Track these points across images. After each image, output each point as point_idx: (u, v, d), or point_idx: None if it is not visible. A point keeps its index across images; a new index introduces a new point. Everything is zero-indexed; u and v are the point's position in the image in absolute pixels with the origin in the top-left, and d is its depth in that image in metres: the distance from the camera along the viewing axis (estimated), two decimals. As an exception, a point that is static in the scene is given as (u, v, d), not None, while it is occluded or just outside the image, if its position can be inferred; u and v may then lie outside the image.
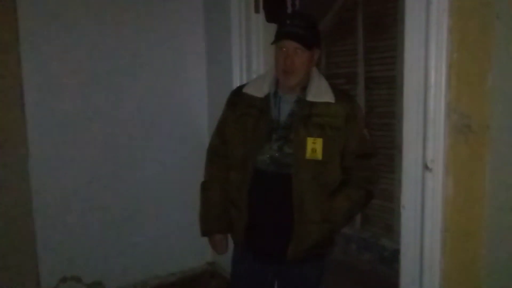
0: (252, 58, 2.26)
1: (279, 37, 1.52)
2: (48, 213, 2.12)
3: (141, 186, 2.38)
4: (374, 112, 3.44)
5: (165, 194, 2.46)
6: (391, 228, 3.29)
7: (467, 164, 1.41)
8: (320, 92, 1.55)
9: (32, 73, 2.02)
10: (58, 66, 2.10)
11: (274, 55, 1.58)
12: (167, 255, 2.50)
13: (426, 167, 1.48)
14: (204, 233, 1.73)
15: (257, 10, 2.24)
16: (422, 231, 1.51)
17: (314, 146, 1.49)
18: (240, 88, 1.69)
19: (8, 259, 2.03)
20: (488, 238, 1.37)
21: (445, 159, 1.44)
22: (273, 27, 2.30)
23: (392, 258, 3.15)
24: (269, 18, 2.26)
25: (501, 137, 1.32)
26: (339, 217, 1.59)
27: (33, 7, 1.98)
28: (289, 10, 4.00)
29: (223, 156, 1.69)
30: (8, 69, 1.96)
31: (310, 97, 1.54)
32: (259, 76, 1.70)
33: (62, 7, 2.08)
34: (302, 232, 1.53)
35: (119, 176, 2.31)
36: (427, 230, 1.49)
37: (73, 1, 2.12)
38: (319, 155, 1.50)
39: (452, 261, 1.46)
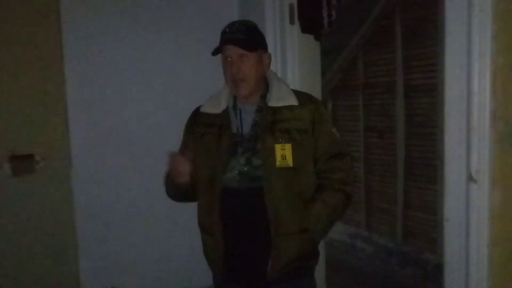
0: (287, 70, 2.24)
1: (219, 45, 1.46)
2: (90, 225, 2.18)
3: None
4: (414, 121, 3.35)
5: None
6: (435, 241, 3.16)
7: (515, 175, 1.33)
8: (282, 96, 1.48)
9: (75, 88, 2.10)
10: (100, 81, 2.18)
11: (222, 67, 1.51)
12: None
13: (470, 178, 1.40)
14: (174, 185, 1.56)
15: (292, 21, 2.24)
16: (467, 246, 1.43)
17: (284, 153, 1.41)
18: (197, 109, 1.63)
19: (51, 270, 2.10)
20: (540, 254, 1.29)
21: (491, 169, 1.36)
22: (308, 38, 2.30)
23: (436, 273, 3.02)
24: (305, 29, 2.24)
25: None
26: (318, 225, 1.47)
27: (76, 25, 2.08)
28: (325, 20, 3.98)
29: None
30: (53, 85, 2.05)
31: (271, 103, 1.46)
32: (214, 93, 1.60)
33: (104, 23, 2.16)
34: (280, 246, 1.42)
35: (160, 187, 2.35)
36: (473, 245, 1.41)
37: (114, 18, 2.20)
38: (289, 162, 1.41)
39: (501, 278, 1.38)
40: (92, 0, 2.15)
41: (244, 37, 1.44)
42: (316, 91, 2.26)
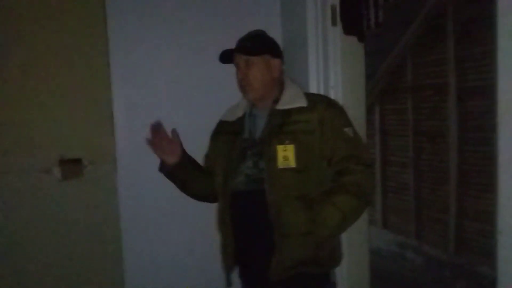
0: (329, 72, 2.18)
1: (224, 54, 1.56)
2: (135, 227, 2.23)
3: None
4: (468, 126, 3.17)
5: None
6: (491, 253, 2.95)
7: None
8: (291, 99, 1.50)
9: (121, 93, 2.16)
10: (145, 86, 2.23)
11: None
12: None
13: (527, 188, 1.29)
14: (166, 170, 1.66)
15: (334, 23, 2.18)
16: (523, 262, 1.31)
17: (285, 154, 1.41)
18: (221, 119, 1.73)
19: (96, 272, 2.17)
20: None
21: (551, 179, 1.24)
22: (351, 40, 2.23)
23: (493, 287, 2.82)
24: (347, 30, 2.17)
25: None
26: (324, 228, 1.41)
27: (122, 31, 2.14)
28: (372, 21, 3.87)
29: None
30: (100, 90, 2.13)
31: (280, 106, 1.49)
32: (235, 103, 1.69)
33: (149, 29, 2.22)
34: (283, 248, 1.42)
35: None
36: (530, 261, 1.29)
37: (158, 23, 2.25)
38: (291, 163, 1.40)
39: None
40: (138, 7, 2.21)
41: (249, 44, 1.53)
42: (360, 95, 2.18)
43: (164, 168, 1.64)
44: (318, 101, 1.48)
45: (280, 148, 1.41)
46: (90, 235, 2.14)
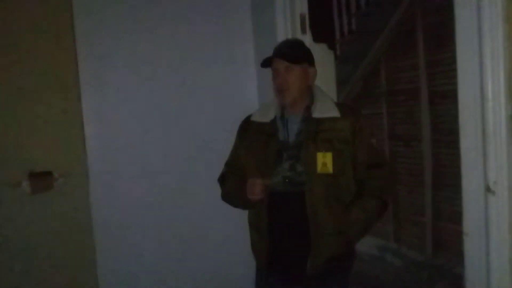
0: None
1: (266, 59, 1.65)
2: (108, 240, 2.20)
3: (197, 216, 2.40)
4: (441, 129, 3.21)
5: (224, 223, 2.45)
6: (467, 254, 2.99)
7: (537, 185, 1.23)
8: (325, 108, 1.63)
9: (91, 106, 2.15)
10: (114, 98, 2.23)
11: None
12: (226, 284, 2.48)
13: (488, 190, 1.32)
14: (243, 200, 1.69)
15: (304, 31, 2.21)
16: (488, 262, 1.34)
17: (324, 160, 1.54)
18: (248, 117, 1.81)
19: (70, 286, 2.13)
20: None
21: (510, 180, 1.27)
22: (321, 48, 2.26)
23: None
24: (317, 38, 2.22)
25: None
26: (355, 228, 1.61)
27: (90, 44, 2.15)
28: (345, 29, 3.92)
29: (232, 174, 1.80)
30: (70, 103, 2.11)
31: (316, 114, 1.62)
32: (264, 104, 1.80)
33: (118, 41, 2.23)
34: (319, 245, 1.58)
35: (176, 200, 2.37)
36: (494, 261, 1.33)
37: (127, 35, 2.25)
38: (329, 169, 1.56)
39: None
40: (106, 21, 2.20)
41: (290, 51, 1.64)
42: (330, 101, 2.21)
43: (241, 198, 1.69)
44: (349, 113, 1.64)
45: (319, 155, 1.56)
46: (63, 248, 2.11)
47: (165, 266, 2.33)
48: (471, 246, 1.41)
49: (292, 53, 1.65)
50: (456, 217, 3.16)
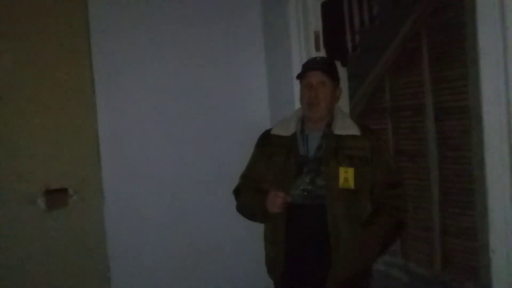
0: (315, 96, 2.23)
1: (303, 71, 1.66)
2: (122, 258, 2.17)
3: (207, 230, 2.38)
4: (446, 145, 3.25)
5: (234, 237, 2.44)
6: (476, 270, 2.99)
7: None
8: (346, 126, 1.65)
9: (106, 122, 2.14)
10: (130, 114, 2.21)
11: (300, 93, 1.71)
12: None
13: (516, 206, 1.33)
14: (262, 211, 1.66)
15: (317, 48, 2.24)
16: (517, 279, 1.34)
17: (346, 176, 1.56)
18: (268, 131, 1.82)
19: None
20: None
21: (539, 195, 1.28)
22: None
23: (480, 305, 2.85)
24: (331, 55, 2.23)
25: None
26: (375, 246, 1.60)
27: (107, 58, 2.14)
28: (349, 45, 3.98)
29: (248, 186, 1.80)
30: (85, 119, 2.10)
31: (337, 131, 1.63)
32: (284, 119, 1.80)
33: (135, 55, 2.22)
34: (340, 260, 1.56)
35: (192, 217, 2.35)
36: (524, 278, 1.32)
37: (145, 49, 2.24)
38: (351, 184, 1.56)
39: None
40: (123, 33, 2.20)
41: (327, 67, 1.66)
42: (344, 117, 2.22)
43: (261, 211, 1.67)
44: (368, 132, 1.67)
45: (342, 170, 1.57)
46: (77, 267, 2.07)
47: (180, 284, 2.30)
48: (499, 263, 1.41)
49: (329, 68, 1.67)
50: (465, 232, 3.18)
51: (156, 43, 2.27)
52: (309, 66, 1.68)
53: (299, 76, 1.70)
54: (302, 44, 2.27)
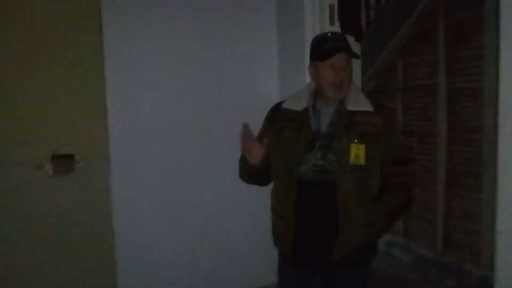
0: (326, 71, 2.19)
1: (328, 53, 1.58)
2: (127, 225, 2.19)
3: (216, 203, 2.40)
4: (457, 127, 3.21)
5: (237, 212, 2.46)
6: (478, 252, 3.00)
7: None
8: (359, 102, 1.63)
9: (114, 89, 2.12)
10: (138, 82, 2.20)
11: (317, 72, 1.62)
12: (239, 276, 2.48)
13: (526, 188, 1.31)
14: (247, 167, 1.68)
15: (332, 22, 2.19)
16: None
17: (357, 152, 1.56)
18: (279, 104, 1.79)
19: (88, 268, 2.13)
20: None
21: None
22: (348, 39, 2.23)
23: (480, 286, 2.87)
24: (345, 29, 2.19)
25: None
26: (382, 221, 1.63)
27: (117, 26, 2.11)
28: (363, 20, 3.89)
29: None
30: (93, 87, 2.09)
31: (350, 107, 1.62)
32: (295, 93, 1.77)
33: (144, 25, 2.19)
34: (347, 235, 1.58)
35: (199, 187, 2.37)
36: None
37: (153, 20, 2.22)
38: (362, 160, 1.56)
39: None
40: (132, 4, 2.17)
41: (344, 46, 1.59)
42: (356, 94, 2.19)
43: (246, 166, 1.70)
44: (381, 108, 1.65)
45: (353, 147, 1.56)
46: (82, 232, 2.10)
47: (185, 251, 2.34)
48: (504, 244, 1.40)
49: (348, 48, 1.61)
50: (469, 215, 3.18)
51: (169, 13, 2.24)
52: (332, 46, 1.59)
53: (321, 57, 1.60)
54: (317, 15, 2.21)
